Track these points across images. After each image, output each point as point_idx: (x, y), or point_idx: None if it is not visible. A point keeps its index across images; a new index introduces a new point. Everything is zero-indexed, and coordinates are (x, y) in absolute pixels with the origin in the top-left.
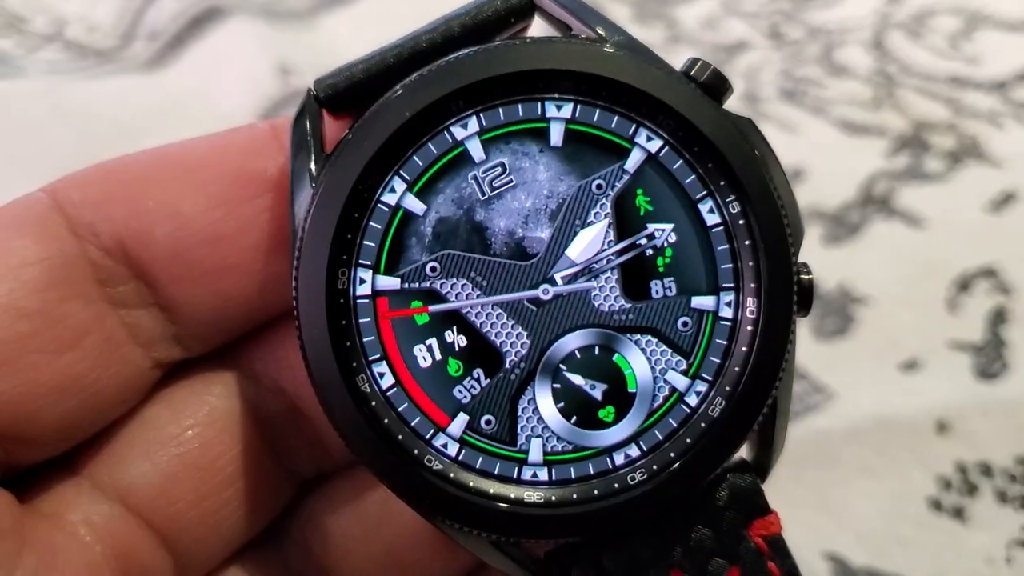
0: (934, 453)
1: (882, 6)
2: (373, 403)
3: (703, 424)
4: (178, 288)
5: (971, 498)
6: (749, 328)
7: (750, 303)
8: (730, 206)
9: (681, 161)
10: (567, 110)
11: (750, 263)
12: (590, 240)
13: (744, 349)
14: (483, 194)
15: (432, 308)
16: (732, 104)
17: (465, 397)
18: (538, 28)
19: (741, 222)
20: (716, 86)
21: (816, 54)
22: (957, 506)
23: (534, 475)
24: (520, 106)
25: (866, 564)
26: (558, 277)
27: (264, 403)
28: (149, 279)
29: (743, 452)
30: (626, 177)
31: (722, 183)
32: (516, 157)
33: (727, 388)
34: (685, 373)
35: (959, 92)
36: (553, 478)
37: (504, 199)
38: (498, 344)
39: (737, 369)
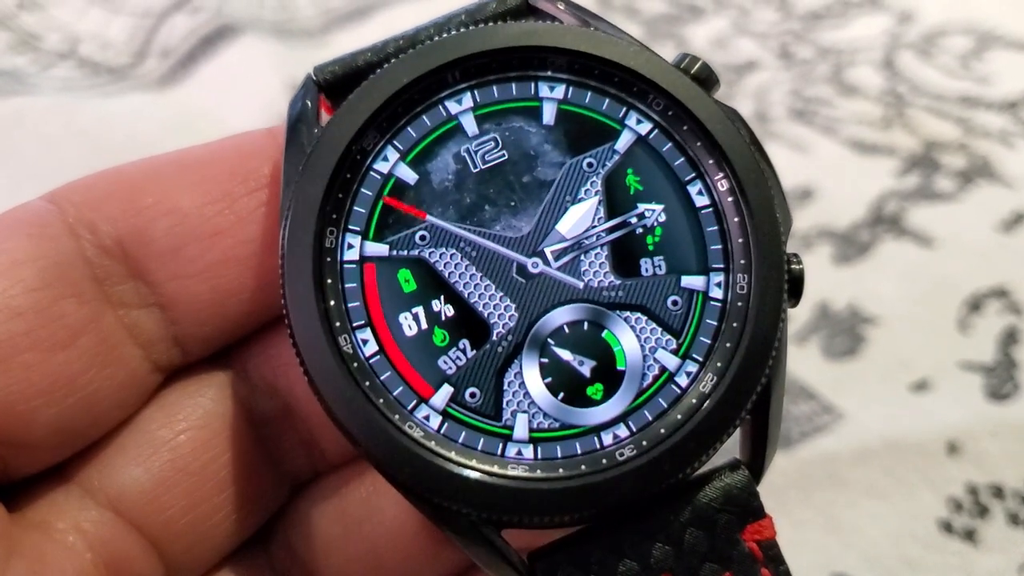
0: (944, 474)
1: (892, 26)
2: (355, 364)
3: (694, 400)
4: (177, 285)
5: (982, 520)
6: (739, 304)
7: (740, 279)
8: (719, 184)
9: (670, 144)
10: (559, 91)
11: (739, 239)
12: (580, 216)
13: (735, 325)
14: (475, 167)
15: (431, 218)
16: None
17: (450, 368)
18: None
19: (730, 199)
20: (705, 79)
21: (826, 74)
22: (968, 528)
23: (519, 452)
24: (514, 84)
25: None
26: (548, 251)
27: (257, 404)
28: (148, 277)
29: (736, 452)
30: (616, 157)
31: (711, 161)
32: (508, 133)
33: (718, 364)
34: (675, 353)
35: (970, 112)
36: (538, 456)
37: (495, 173)
38: (485, 315)
39: (728, 345)
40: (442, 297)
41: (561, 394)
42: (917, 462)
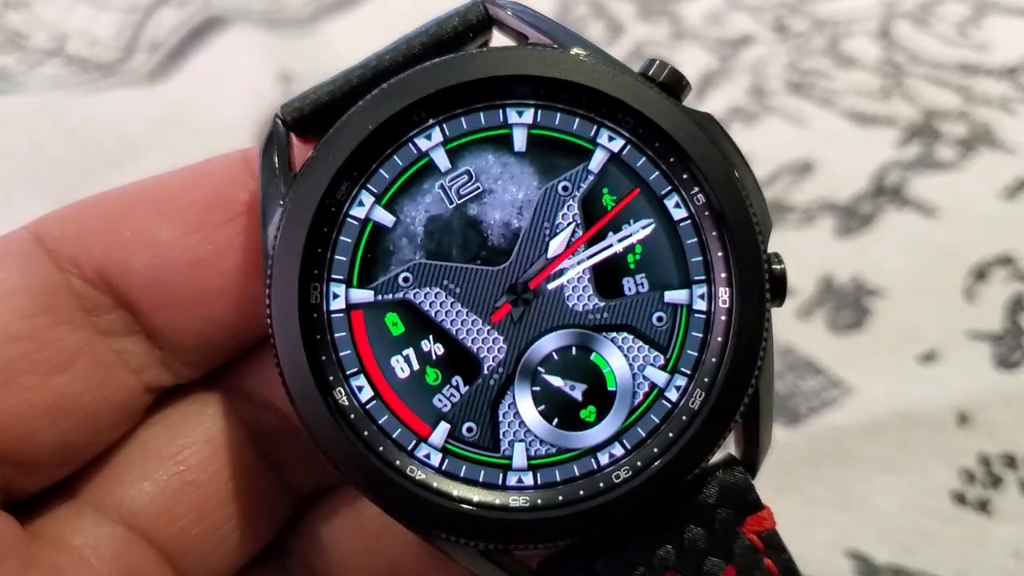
0: (956, 445)
1: None
2: (352, 416)
3: (684, 417)
4: (161, 315)
5: (995, 490)
6: (723, 318)
7: (722, 293)
8: (695, 198)
9: (644, 159)
10: (528, 115)
11: (719, 253)
12: (560, 242)
13: (719, 340)
14: (451, 202)
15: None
16: (738, 98)
17: (445, 406)
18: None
19: (707, 214)
20: (674, 84)
21: (822, 46)
22: (981, 499)
23: (519, 480)
24: (482, 114)
25: (889, 561)
26: (530, 280)
27: (259, 421)
28: (132, 307)
29: (732, 449)
30: (591, 177)
31: (685, 176)
32: (481, 164)
33: (705, 380)
34: (663, 368)
35: (969, 79)
36: (538, 482)
37: (472, 206)
38: (475, 350)
39: (714, 360)
40: (431, 336)
41: (555, 420)
42: (928, 434)
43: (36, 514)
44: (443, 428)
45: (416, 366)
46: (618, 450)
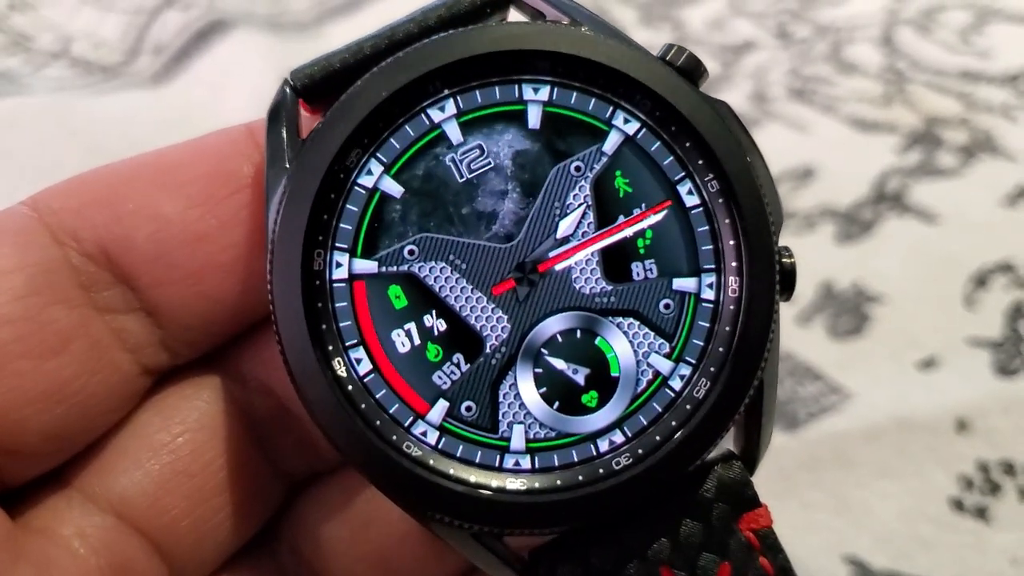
0: (955, 452)
1: (890, 2)
2: (349, 388)
3: (688, 406)
4: (162, 291)
5: (994, 497)
6: (732, 308)
7: (732, 282)
8: (709, 185)
9: (659, 143)
10: (544, 92)
11: (731, 242)
12: (570, 223)
13: (727, 329)
14: (461, 176)
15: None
16: (740, 104)
17: (445, 383)
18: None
19: (720, 201)
20: (692, 70)
21: (825, 52)
22: (980, 506)
23: (516, 463)
24: (497, 88)
25: (887, 567)
26: (538, 260)
27: (253, 405)
28: (133, 283)
29: (730, 443)
30: (604, 159)
31: (700, 162)
32: (494, 140)
33: (711, 369)
34: (668, 356)
35: (971, 86)
36: (536, 466)
37: (482, 182)
38: (478, 328)
39: (721, 350)
40: (434, 312)
41: (556, 403)
42: (927, 440)
43: (25, 504)
44: (441, 406)
45: (417, 341)
46: (619, 437)
